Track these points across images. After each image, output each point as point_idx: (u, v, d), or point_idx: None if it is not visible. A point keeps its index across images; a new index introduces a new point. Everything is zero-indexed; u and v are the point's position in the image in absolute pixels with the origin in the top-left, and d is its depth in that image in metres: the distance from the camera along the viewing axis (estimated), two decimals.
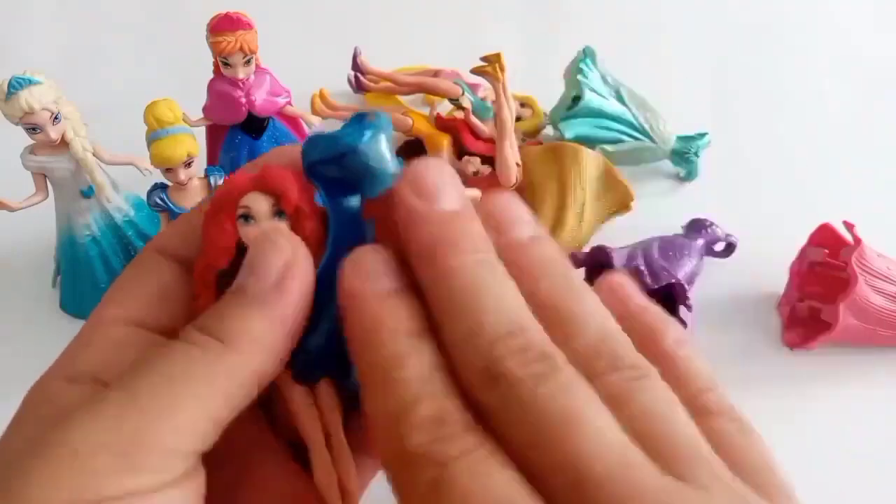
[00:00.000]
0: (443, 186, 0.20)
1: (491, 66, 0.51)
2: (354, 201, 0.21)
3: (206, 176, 0.48)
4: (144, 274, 0.22)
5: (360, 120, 0.21)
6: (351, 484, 0.22)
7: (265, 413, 0.23)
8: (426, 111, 0.57)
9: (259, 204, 0.21)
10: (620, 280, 0.21)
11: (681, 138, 0.60)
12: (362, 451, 0.23)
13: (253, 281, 0.19)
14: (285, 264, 0.20)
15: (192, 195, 0.47)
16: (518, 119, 0.62)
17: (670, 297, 0.47)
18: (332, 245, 0.21)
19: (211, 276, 0.21)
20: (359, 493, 0.23)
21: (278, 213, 0.21)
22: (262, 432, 0.23)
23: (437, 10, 0.78)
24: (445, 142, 0.55)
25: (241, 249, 0.21)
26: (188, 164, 0.46)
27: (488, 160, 0.53)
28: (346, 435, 0.23)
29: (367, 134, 0.20)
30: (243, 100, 0.48)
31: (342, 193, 0.21)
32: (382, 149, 0.21)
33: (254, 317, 0.19)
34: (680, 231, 0.54)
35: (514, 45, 0.72)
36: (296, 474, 0.23)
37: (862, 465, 0.44)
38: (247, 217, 0.21)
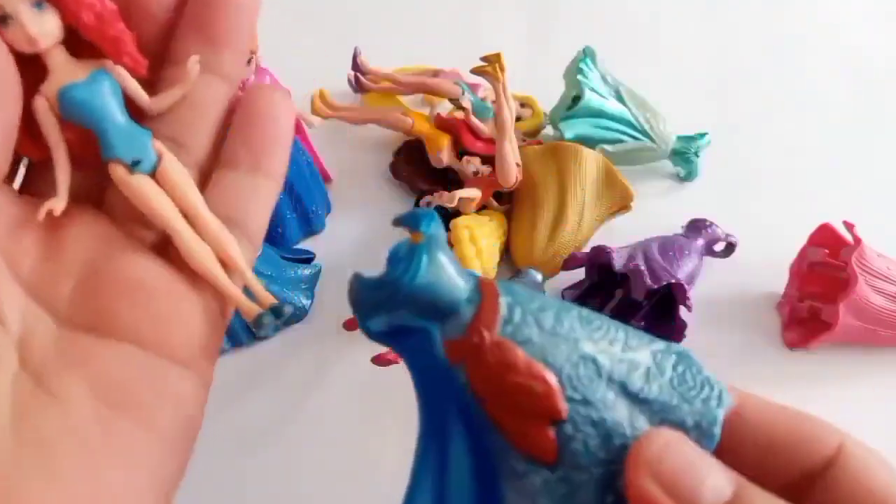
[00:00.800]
0: (701, 475, 0.17)
1: (491, 66, 0.51)
2: (436, 349, 0.18)
3: None
4: None
5: (407, 249, 0.18)
6: (235, 255, 0.22)
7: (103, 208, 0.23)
8: (426, 111, 0.57)
9: None
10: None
11: (681, 138, 0.60)
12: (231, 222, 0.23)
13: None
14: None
15: None
16: (518, 119, 0.62)
17: (670, 297, 0.47)
18: (426, 419, 0.18)
19: None
20: (248, 264, 0.23)
21: (38, 2, 0.19)
22: (108, 229, 0.23)
23: (437, 10, 0.78)
24: (445, 142, 0.55)
25: (24, 63, 0.19)
26: None
27: (488, 160, 0.53)
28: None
29: (424, 261, 0.17)
30: None
31: (417, 345, 0.18)
32: (448, 273, 0.18)
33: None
34: (680, 231, 0.54)
35: (514, 45, 0.72)
36: (155, 266, 0.22)
37: None
38: (3, 19, 0.18)
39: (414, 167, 0.58)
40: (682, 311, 0.46)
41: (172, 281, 0.22)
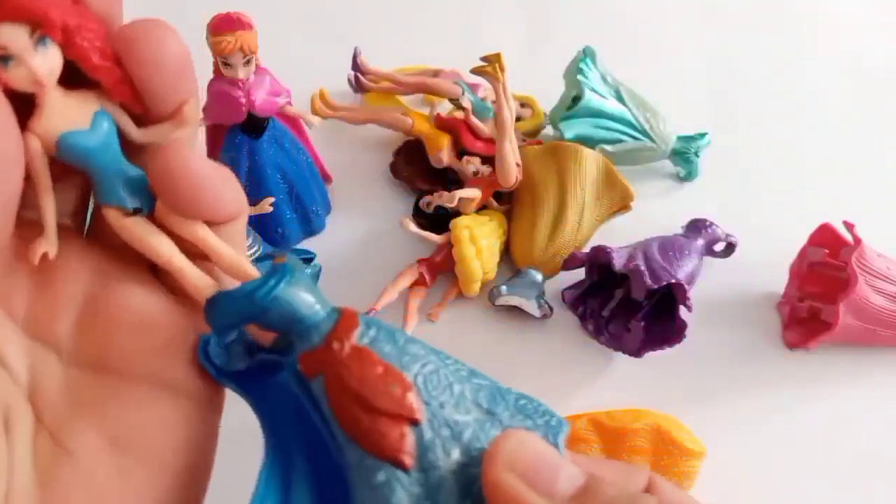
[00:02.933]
0: (556, 466, 0.18)
1: (491, 66, 0.51)
2: (287, 367, 0.19)
3: None
4: None
5: (270, 267, 0.19)
6: (244, 264, 0.21)
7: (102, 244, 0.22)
8: (426, 111, 0.57)
9: (12, 37, 0.17)
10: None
11: (681, 138, 0.60)
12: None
13: None
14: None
15: None
16: (518, 119, 0.62)
17: (670, 297, 0.47)
18: (272, 446, 0.19)
19: None
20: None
21: (41, 40, 0.17)
22: (99, 258, 0.22)
23: (437, 10, 0.78)
24: (445, 142, 0.55)
25: (14, 98, 0.17)
26: None
27: (488, 160, 0.53)
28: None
29: (284, 278, 0.19)
30: (243, 100, 0.48)
31: (266, 366, 0.19)
32: (304, 294, 0.19)
33: None
34: (680, 231, 0.54)
35: (514, 45, 0.72)
36: (155, 292, 0.22)
37: (862, 464, 0.44)
38: (4, 59, 0.17)
39: (414, 167, 0.58)
40: (682, 311, 0.46)
41: (170, 310, 0.22)
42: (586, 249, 0.50)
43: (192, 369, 0.22)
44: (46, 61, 0.17)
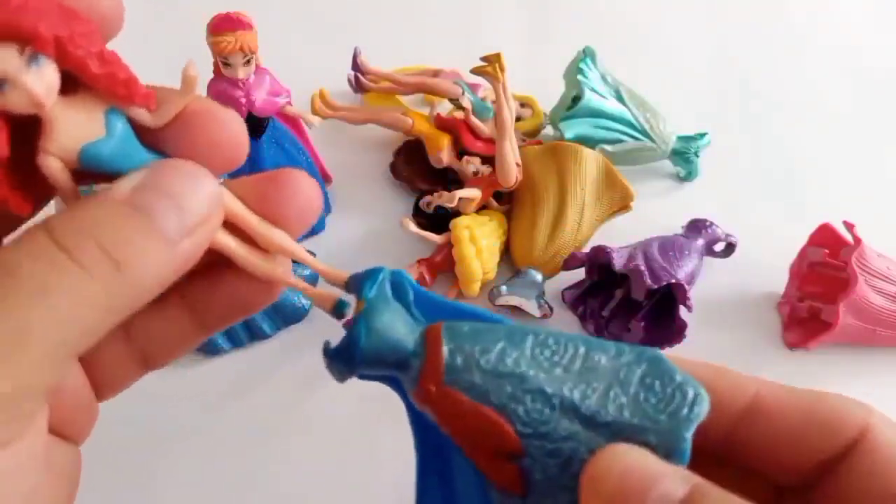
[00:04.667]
0: (649, 483, 0.16)
1: (491, 66, 0.51)
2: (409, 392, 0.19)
3: None
4: None
5: (355, 317, 0.19)
6: (302, 255, 0.21)
7: None
8: (426, 111, 0.57)
9: (1, 60, 0.15)
10: None
11: (681, 138, 0.60)
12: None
13: (174, 218, 0.17)
14: (209, 209, 0.18)
15: None
16: (518, 119, 0.62)
17: (670, 297, 0.47)
18: (421, 434, 0.20)
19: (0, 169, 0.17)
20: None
21: (33, 57, 0.16)
22: None
23: (437, 10, 0.78)
24: (445, 142, 0.55)
25: (13, 120, 0.16)
26: None
27: (488, 160, 0.53)
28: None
29: (363, 332, 0.19)
30: (243, 100, 0.48)
31: (398, 387, 0.20)
32: (389, 334, 0.19)
33: (161, 254, 0.17)
34: (680, 231, 0.54)
35: (514, 45, 0.72)
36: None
37: None
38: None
39: (414, 167, 0.58)
40: (682, 311, 0.46)
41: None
42: (586, 249, 0.50)
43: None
44: (42, 79, 0.16)
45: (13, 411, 0.15)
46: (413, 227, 0.51)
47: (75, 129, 0.17)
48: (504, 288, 0.50)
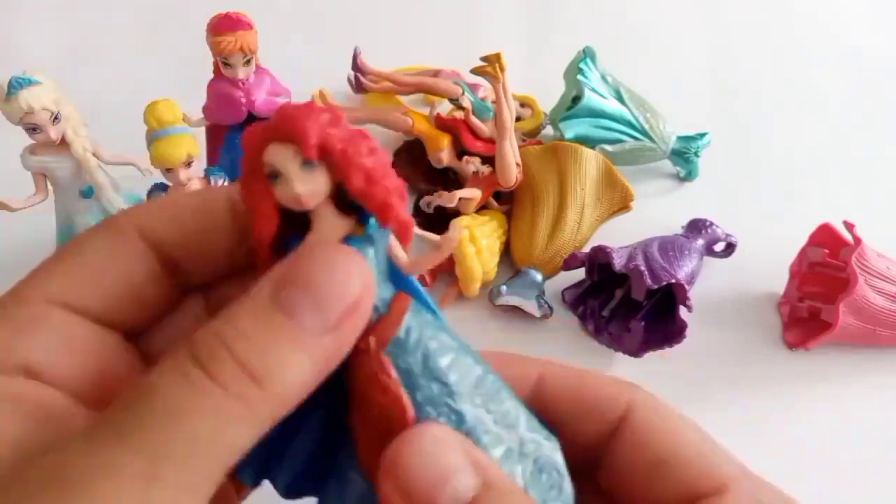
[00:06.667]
0: (443, 478, 0.16)
1: (491, 66, 0.51)
2: None
3: (206, 176, 0.48)
4: (107, 253, 0.18)
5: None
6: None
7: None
8: (426, 111, 0.57)
9: (280, 156, 0.17)
10: None
11: (681, 138, 0.60)
12: None
13: (314, 314, 0.16)
14: (354, 298, 0.16)
15: None
16: (518, 119, 0.62)
17: (670, 297, 0.47)
18: None
19: (265, 252, 0.18)
20: None
21: (306, 163, 0.17)
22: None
23: (437, 10, 0.78)
24: (445, 142, 0.55)
25: (286, 212, 0.18)
26: (188, 165, 0.45)
27: (488, 160, 0.53)
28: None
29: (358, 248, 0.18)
30: (243, 100, 0.48)
31: None
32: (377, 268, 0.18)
33: (303, 359, 0.16)
34: (680, 231, 0.54)
35: (514, 45, 0.72)
36: None
37: (862, 464, 0.44)
38: (274, 175, 0.17)
39: (414, 167, 0.58)
40: (682, 311, 0.46)
41: None
42: (586, 249, 0.50)
43: None
44: (310, 183, 0.17)
45: None
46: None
47: (335, 231, 0.18)
48: (504, 288, 0.50)
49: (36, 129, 0.45)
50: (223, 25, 0.46)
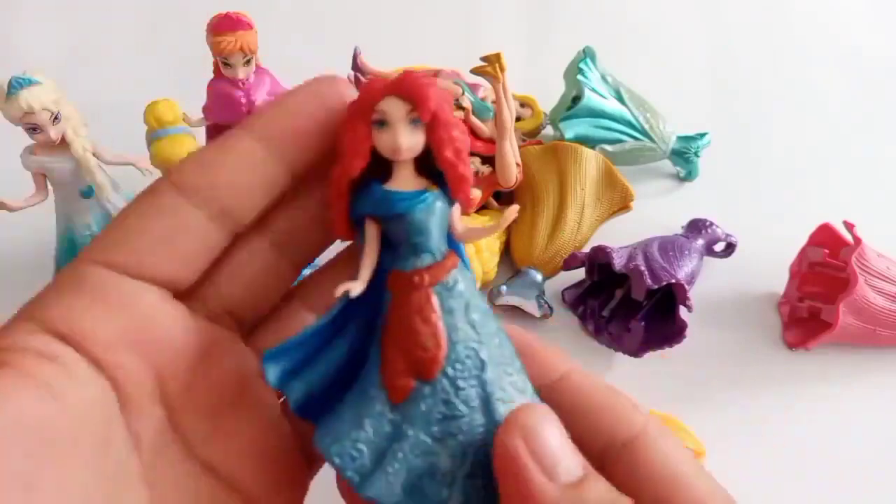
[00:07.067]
0: (562, 452, 0.18)
1: (491, 66, 0.51)
2: (387, 263, 0.21)
3: None
4: (159, 216, 0.20)
5: (424, 189, 0.20)
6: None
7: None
8: None
9: (394, 108, 0.20)
10: None
11: (681, 138, 0.60)
12: None
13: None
14: None
15: None
16: (518, 119, 0.62)
17: (670, 297, 0.47)
18: (337, 313, 0.21)
19: (345, 185, 0.20)
20: None
21: (414, 121, 0.20)
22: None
23: (437, 10, 0.78)
24: None
25: (375, 156, 0.20)
26: None
27: (488, 160, 0.53)
28: None
29: (428, 200, 0.20)
30: (243, 100, 0.48)
31: (384, 249, 0.21)
32: (435, 224, 0.20)
33: None
34: (680, 231, 0.54)
35: (514, 45, 0.72)
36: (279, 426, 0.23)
37: (862, 464, 0.44)
38: (382, 122, 0.20)
39: None
40: (682, 311, 0.46)
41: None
42: (586, 249, 0.50)
43: None
44: (410, 137, 0.20)
45: None
46: None
47: (409, 185, 0.21)
48: (504, 288, 0.50)
49: (36, 129, 0.45)
50: (223, 25, 0.46)
